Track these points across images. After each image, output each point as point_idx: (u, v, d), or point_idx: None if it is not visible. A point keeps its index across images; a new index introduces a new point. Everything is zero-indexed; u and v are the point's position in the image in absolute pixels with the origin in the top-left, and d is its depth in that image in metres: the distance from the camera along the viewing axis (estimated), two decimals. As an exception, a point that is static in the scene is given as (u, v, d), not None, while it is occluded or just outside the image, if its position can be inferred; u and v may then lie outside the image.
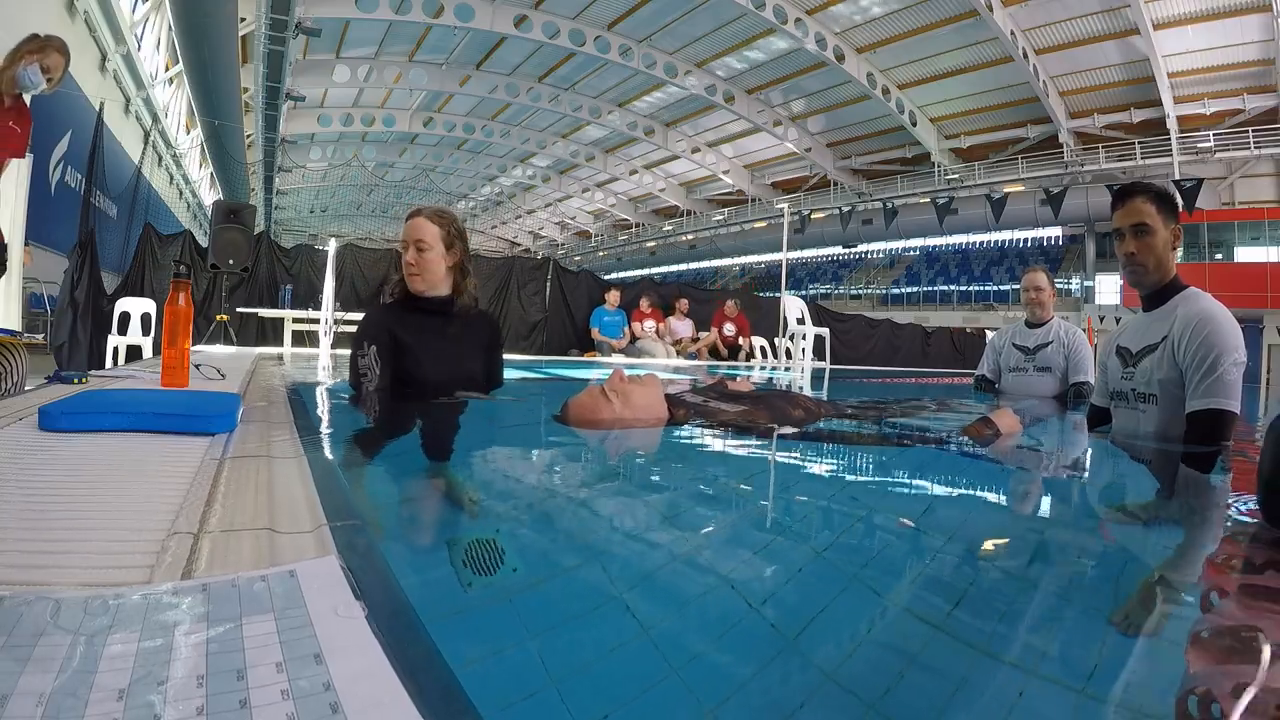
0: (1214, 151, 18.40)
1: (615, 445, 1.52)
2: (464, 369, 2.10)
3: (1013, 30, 16.72)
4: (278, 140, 18.28)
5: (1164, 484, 1.54)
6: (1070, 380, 3.37)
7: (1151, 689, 0.53)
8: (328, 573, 0.54)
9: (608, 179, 30.38)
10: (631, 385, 1.61)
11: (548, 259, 8.89)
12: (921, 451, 1.64)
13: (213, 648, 0.42)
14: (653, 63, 19.78)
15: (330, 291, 6.28)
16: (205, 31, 9.77)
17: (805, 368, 7.74)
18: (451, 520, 0.94)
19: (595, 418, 1.56)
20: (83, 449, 0.98)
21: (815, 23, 17.81)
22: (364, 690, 0.38)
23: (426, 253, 1.99)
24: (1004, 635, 0.62)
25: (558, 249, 37.70)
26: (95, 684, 0.37)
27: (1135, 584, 0.78)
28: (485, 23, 17.31)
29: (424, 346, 2.01)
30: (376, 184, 31.77)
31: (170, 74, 14.14)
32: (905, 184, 24.45)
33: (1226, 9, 15.15)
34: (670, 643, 0.56)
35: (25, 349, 1.93)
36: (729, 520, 1.01)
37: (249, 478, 0.86)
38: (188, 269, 1.83)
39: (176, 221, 14.78)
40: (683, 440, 1.59)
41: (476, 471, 1.27)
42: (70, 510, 0.69)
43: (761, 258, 30.89)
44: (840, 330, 10.33)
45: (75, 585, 0.50)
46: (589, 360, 7.05)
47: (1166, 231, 1.87)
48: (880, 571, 0.79)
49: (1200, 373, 1.74)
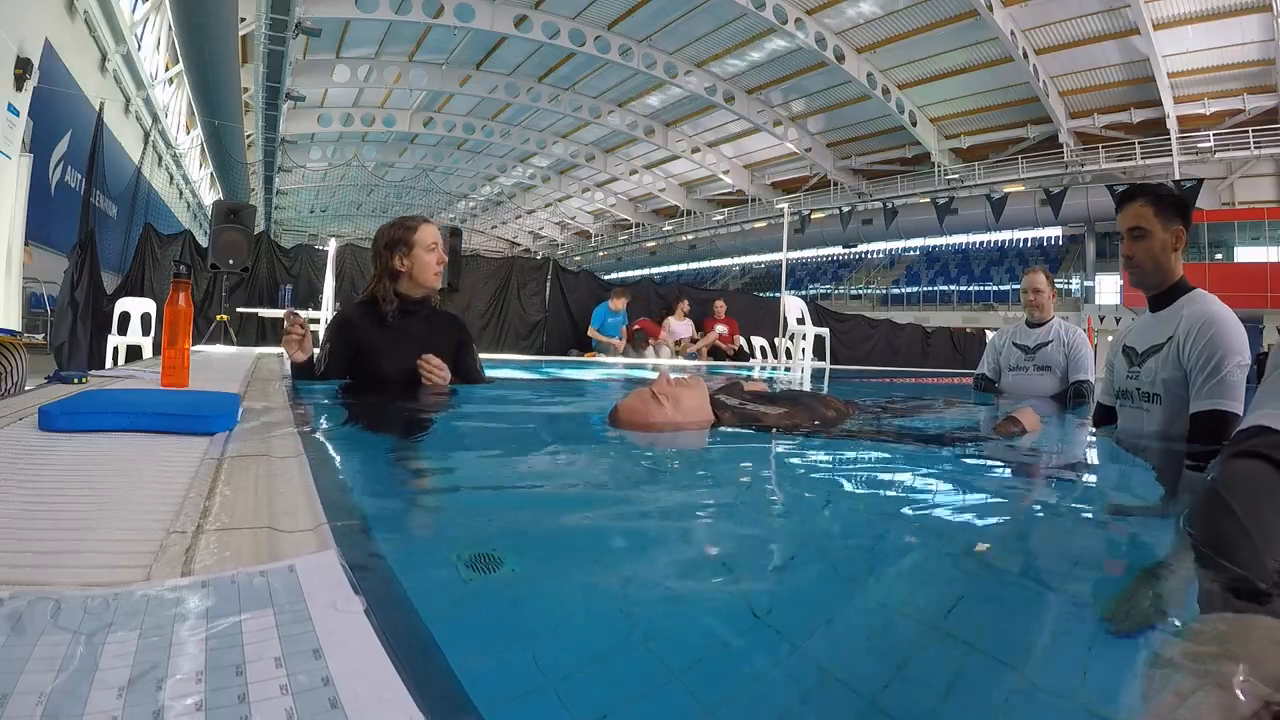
0: (1214, 151, 18.41)
1: (663, 447, 1.52)
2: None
3: (1013, 30, 16.73)
4: (278, 140, 18.27)
5: (1167, 484, 1.55)
6: (1070, 379, 3.38)
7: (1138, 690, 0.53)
8: (327, 568, 0.54)
9: (608, 179, 30.38)
10: (680, 388, 1.61)
11: (548, 259, 8.89)
12: (957, 451, 1.65)
13: (212, 643, 0.42)
14: (653, 63, 19.78)
15: (330, 291, 6.29)
16: (205, 31, 9.76)
17: (805, 368, 7.74)
18: (452, 521, 0.94)
19: (647, 421, 1.56)
20: (83, 449, 0.98)
21: (815, 23, 17.82)
22: (363, 685, 0.38)
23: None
24: (1019, 635, 0.62)
25: (558, 249, 37.71)
26: (95, 682, 0.37)
27: (1134, 584, 0.78)
28: (485, 23, 17.31)
29: (385, 343, 2.20)
30: (376, 184, 31.77)
31: (170, 74, 14.13)
32: (905, 184, 24.45)
33: (1226, 9, 15.15)
34: (671, 643, 0.56)
35: (25, 349, 1.93)
36: (764, 523, 1.00)
37: (249, 476, 0.86)
38: (188, 269, 1.83)
39: (176, 221, 14.78)
40: (732, 444, 1.58)
41: (521, 467, 1.28)
42: (70, 510, 0.69)
43: (761, 258, 30.89)
44: (840, 330, 10.32)
45: (75, 584, 0.50)
46: (589, 360, 7.04)
47: (1165, 234, 1.89)
48: (914, 570, 0.79)
49: (1204, 374, 1.76)
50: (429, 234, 2.23)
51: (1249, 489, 0.75)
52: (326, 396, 2.03)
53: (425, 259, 2.21)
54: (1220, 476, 0.81)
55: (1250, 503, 0.73)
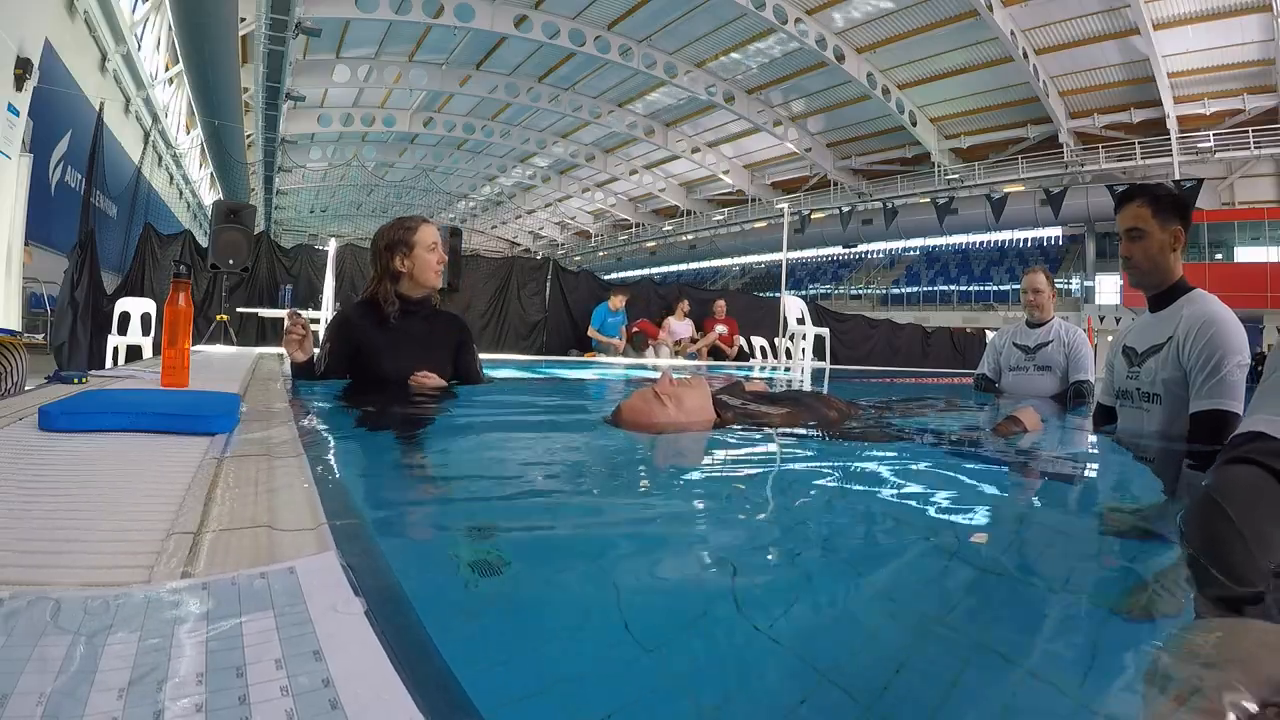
0: (1214, 151, 18.41)
1: (666, 447, 1.52)
2: (423, 367, 2.21)
3: (1013, 30, 16.73)
4: (278, 140, 18.27)
5: (1166, 485, 1.55)
6: (1070, 379, 3.38)
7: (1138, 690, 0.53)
8: (327, 569, 0.54)
9: (608, 179, 30.38)
10: (683, 389, 1.61)
11: (548, 259, 8.88)
12: (959, 451, 1.66)
13: (212, 645, 0.42)
14: (653, 63, 19.78)
15: (330, 291, 6.29)
16: (205, 31, 9.76)
17: (805, 368, 7.74)
18: (452, 522, 0.94)
19: (650, 421, 1.56)
20: (83, 449, 0.98)
21: (815, 23, 17.82)
22: (363, 687, 0.38)
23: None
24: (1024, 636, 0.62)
25: (558, 249, 37.70)
26: (95, 683, 0.37)
27: (1132, 585, 0.78)
28: (485, 23, 17.31)
29: (386, 344, 2.21)
30: (376, 184, 31.77)
31: (170, 74, 14.13)
32: (905, 184, 24.45)
33: (1226, 9, 15.15)
34: (671, 645, 0.56)
35: (25, 349, 1.93)
36: (767, 524, 1.00)
37: (249, 477, 0.86)
38: (188, 269, 1.83)
39: (176, 221, 14.78)
40: (735, 444, 1.58)
41: (522, 468, 1.27)
42: (70, 510, 0.69)
43: (761, 258, 30.89)
44: (840, 330, 10.32)
45: (75, 585, 0.50)
46: (589, 360, 7.04)
47: (1164, 234, 1.89)
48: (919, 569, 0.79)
49: (1204, 374, 1.76)
50: (429, 234, 2.23)
51: (1244, 495, 0.76)
52: (327, 397, 2.03)
53: (425, 259, 2.21)
54: (1215, 482, 0.81)
55: (1245, 509, 0.73)
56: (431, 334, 2.28)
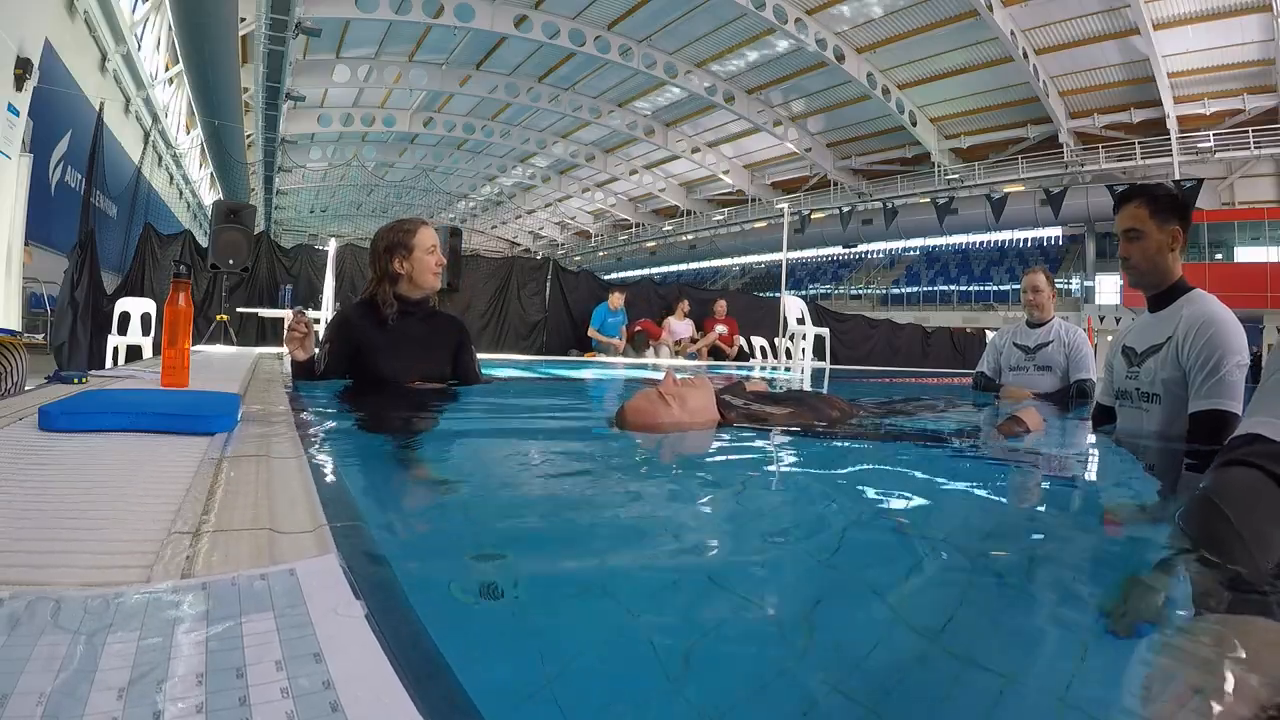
0: (1214, 151, 18.42)
1: (672, 446, 1.51)
2: (422, 367, 2.23)
3: (1013, 30, 16.73)
4: (278, 140, 18.27)
5: (1166, 485, 1.55)
6: (1072, 378, 3.38)
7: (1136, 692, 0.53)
8: (328, 571, 0.54)
9: (608, 179, 30.39)
10: (686, 389, 1.60)
11: (548, 259, 8.88)
12: (961, 450, 1.66)
13: (212, 646, 0.42)
14: (653, 63, 19.79)
15: (330, 291, 6.29)
16: (205, 31, 9.76)
17: (805, 368, 7.74)
18: (453, 523, 0.94)
19: (654, 421, 1.55)
20: (83, 449, 0.97)
21: (815, 23, 17.82)
22: (363, 689, 0.38)
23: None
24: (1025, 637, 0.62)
25: (558, 249, 37.71)
26: (95, 683, 0.37)
27: (1132, 585, 0.78)
28: (485, 23, 17.32)
29: (385, 344, 2.21)
30: (376, 184, 31.77)
31: (170, 74, 14.13)
32: (905, 184, 24.46)
33: (1226, 9, 15.16)
34: (671, 647, 0.56)
35: (25, 349, 1.93)
36: (770, 525, 1.00)
37: (249, 478, 0.86)
38: (188, 269, 1.83)
39: (176, 221, 14.77)
40: (739, 444, 1.58)
41: (523, 468, 1.27)
42: (70, 510, 0.69)
43: (761, 258, 30.90)
44: (840, 330, 10.33)
45: (75, 585, 0.50)
46: (589, 360, 7.04)
47: (1162, 235, 1.89)
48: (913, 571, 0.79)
49: (1203, 374, 1.76)
50: (427, 236, 2.24)
51: (1242, 497, 0.76)
52: (327, 397, 2.03)
53: (424, 261, 2.22)
54: (1213, 485, 0.81)
55: (1244, 511, 0.73)
56: (430, 335, 2.29)
